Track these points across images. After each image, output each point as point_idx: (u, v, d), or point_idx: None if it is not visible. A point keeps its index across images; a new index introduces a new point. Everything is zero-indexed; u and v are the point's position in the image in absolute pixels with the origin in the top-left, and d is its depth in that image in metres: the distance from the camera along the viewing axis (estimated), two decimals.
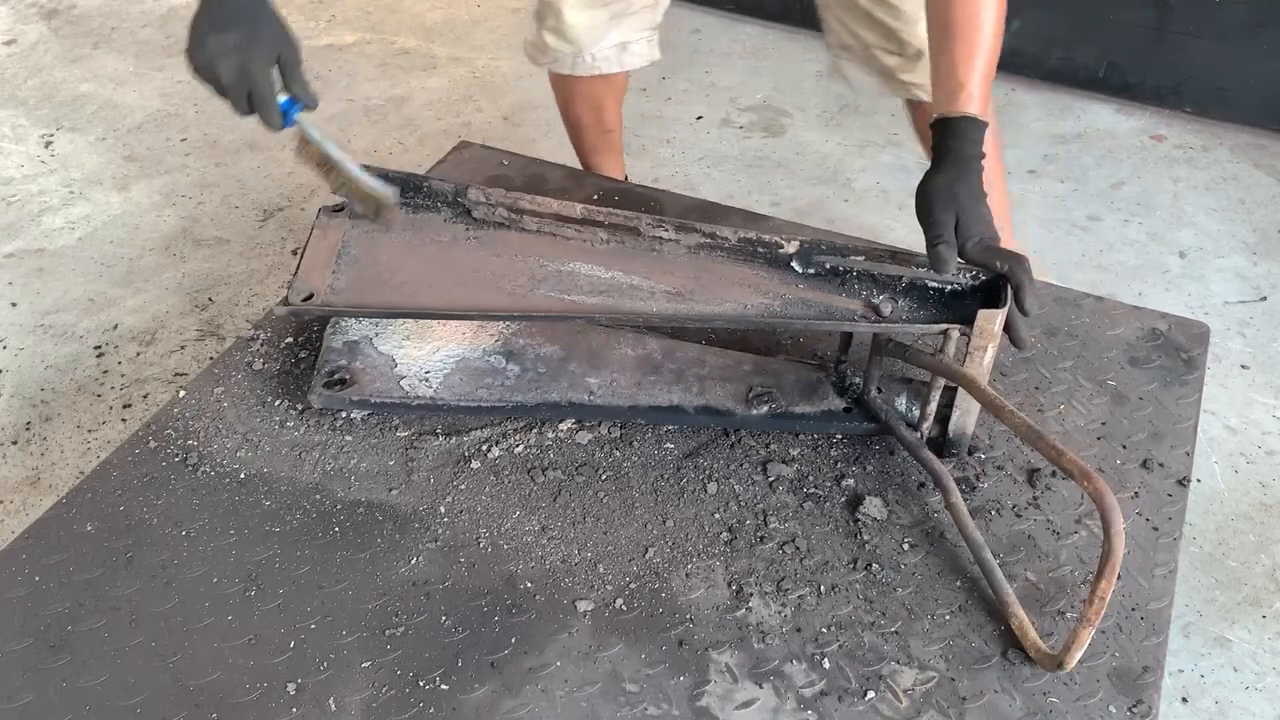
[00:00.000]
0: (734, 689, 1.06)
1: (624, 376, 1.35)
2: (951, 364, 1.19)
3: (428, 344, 1.38)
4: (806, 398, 1.32)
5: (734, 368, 1.36)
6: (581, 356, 1.37)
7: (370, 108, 2.81)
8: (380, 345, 1.38)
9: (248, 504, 1.23)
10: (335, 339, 1.38)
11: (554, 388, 1.33)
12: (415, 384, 1.34)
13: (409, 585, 1.15)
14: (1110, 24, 2.81)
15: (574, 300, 1.27)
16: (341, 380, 1.33)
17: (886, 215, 2.50)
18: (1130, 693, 1.06)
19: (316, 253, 1.34)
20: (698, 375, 1.35)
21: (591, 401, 1.32)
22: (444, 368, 1.36)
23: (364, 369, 1.35)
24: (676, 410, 1.32)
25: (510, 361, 1.36)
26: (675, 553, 1.18)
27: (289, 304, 1.28)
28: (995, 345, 1.16)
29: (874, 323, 1.21)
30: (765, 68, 3.03)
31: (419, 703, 1.04)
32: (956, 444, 1.27)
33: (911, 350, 1.24)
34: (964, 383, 1.17)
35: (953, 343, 1.19)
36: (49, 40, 3.16)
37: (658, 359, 1.37)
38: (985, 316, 1.13)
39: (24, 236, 2.41)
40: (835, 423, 1.31)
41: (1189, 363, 1.42)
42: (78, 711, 1.03)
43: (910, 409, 1.30)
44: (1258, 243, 2.45)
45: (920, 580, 1.16)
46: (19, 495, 1.83)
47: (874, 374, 1.29)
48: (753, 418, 1.31)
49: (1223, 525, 1.80)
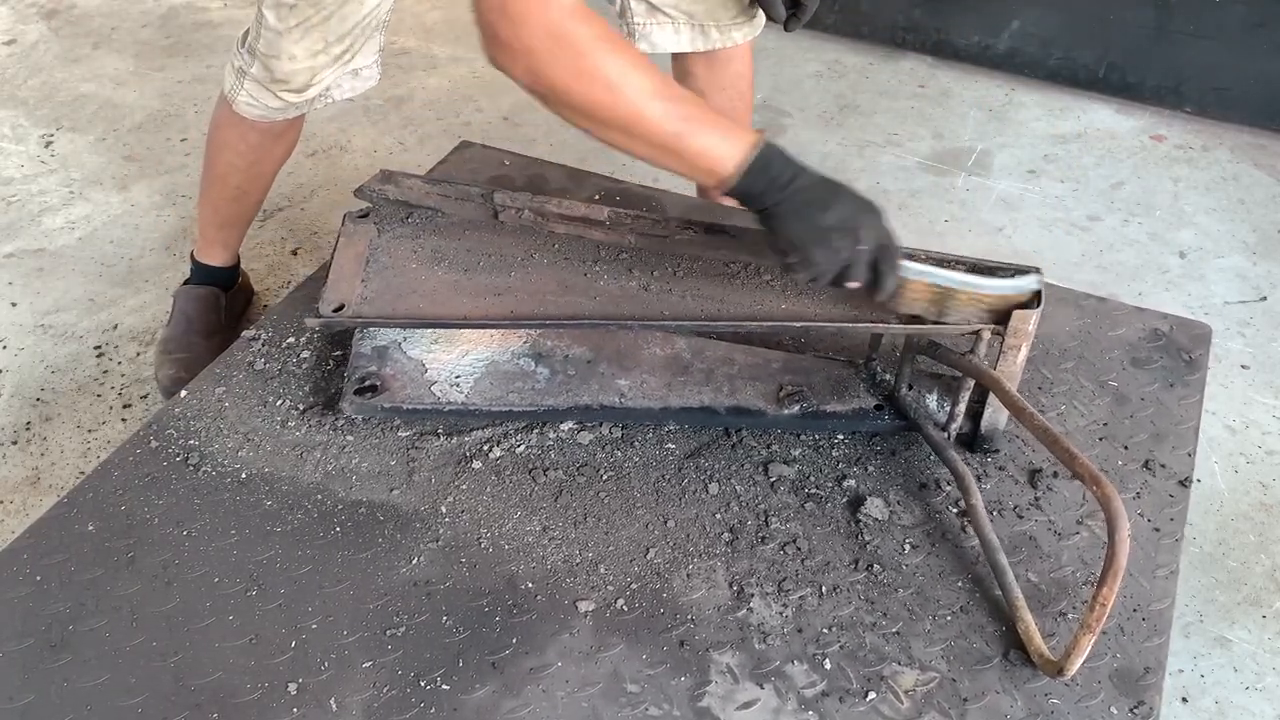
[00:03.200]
0: (735, 690, 1.06)
1: (654, 378, 1.34)
2: (979, 364, 1.20)
3: (457, 348, 1.37)
4: (837, 396, 1.32)
5: (763, 366, 1.36)
6: (610, 357, 1.36)
7: (370, 108, 2.81)
8: (410, 350, 1.36)
9: (249, 504, 1.23)
10: (364, 344, 1.36)
11: (584, 390, 1.33)
12: (446, 389, 1.33)
13: (410, 585, 1.15)
14: (1110, 24, 2.81)
15: (604, 305, 1.26)
16: (372, 387, 1.31)
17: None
18: (1132, 694, 1.06)
19: (344, 261, 1.33)
20: (727, 374, 1.35)
21: (623, 404, 1.31)
22: (474, 372, 1.35)
23: (394, 375, 1.34)
24: (708, 411, 1.31)
25: (539, 364, 1.36)
26: (676, 553, 1.18)
27: (320, 315, 1.27)
28: (1029, 345, 1.17)
29: (907, 324, 1.21)
30: (765, 68, 3.03)
31: (420, 703, 1.04)
32: (989, 440, 1.28)
33: (942, 349, 1.24)
34: (990, 383, 1.18)
35: (984, 342, 1.19)
36: (49, 40, 3.15)
37: (686, 358, 1.36)
38: (1019, 317, 1.14)
39: (24, 236, 2.41)
40: (867, 421, 1.30)
41: (1191, 363, 1.42)
42: (79, 711, 1.03)
43: (941, 405, 1.30)
44: (1258, 243, 2.45)
45: (922, 581, 1.16)
46: (19, 495, 1.83)
47: (905, 371, 1.29)
48: (784, 418, 1.30)
49: (1223, 525, 1.80)
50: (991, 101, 2.93)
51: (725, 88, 1.85)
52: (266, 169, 1.92)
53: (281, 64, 1.63)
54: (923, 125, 2.83)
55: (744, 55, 1.82)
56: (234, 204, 1.97)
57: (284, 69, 1.64)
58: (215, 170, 1.91)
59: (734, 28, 1.73)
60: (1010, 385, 1.17)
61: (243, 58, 1.69)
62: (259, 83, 1.68)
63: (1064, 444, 1.07)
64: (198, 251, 2.07)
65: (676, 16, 1.72)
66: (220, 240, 2.05)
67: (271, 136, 1.82)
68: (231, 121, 1.79)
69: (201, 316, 2.03)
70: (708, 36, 1.74)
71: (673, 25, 1.73)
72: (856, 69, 3.06)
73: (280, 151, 1.89)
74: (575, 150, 2.20)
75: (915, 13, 3.02)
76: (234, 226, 2.05)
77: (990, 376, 1.18)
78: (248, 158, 1.86)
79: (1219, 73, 2.75)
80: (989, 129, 2.82)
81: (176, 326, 2.02)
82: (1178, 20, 2.73)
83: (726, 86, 1.85)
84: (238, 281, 2.13)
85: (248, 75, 1.69)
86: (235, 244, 2.08)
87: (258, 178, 1.93)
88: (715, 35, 1.74)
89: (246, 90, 1.71)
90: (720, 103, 1.85)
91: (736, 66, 1.83)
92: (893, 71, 3.05)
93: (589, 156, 2.47)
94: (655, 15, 1.72)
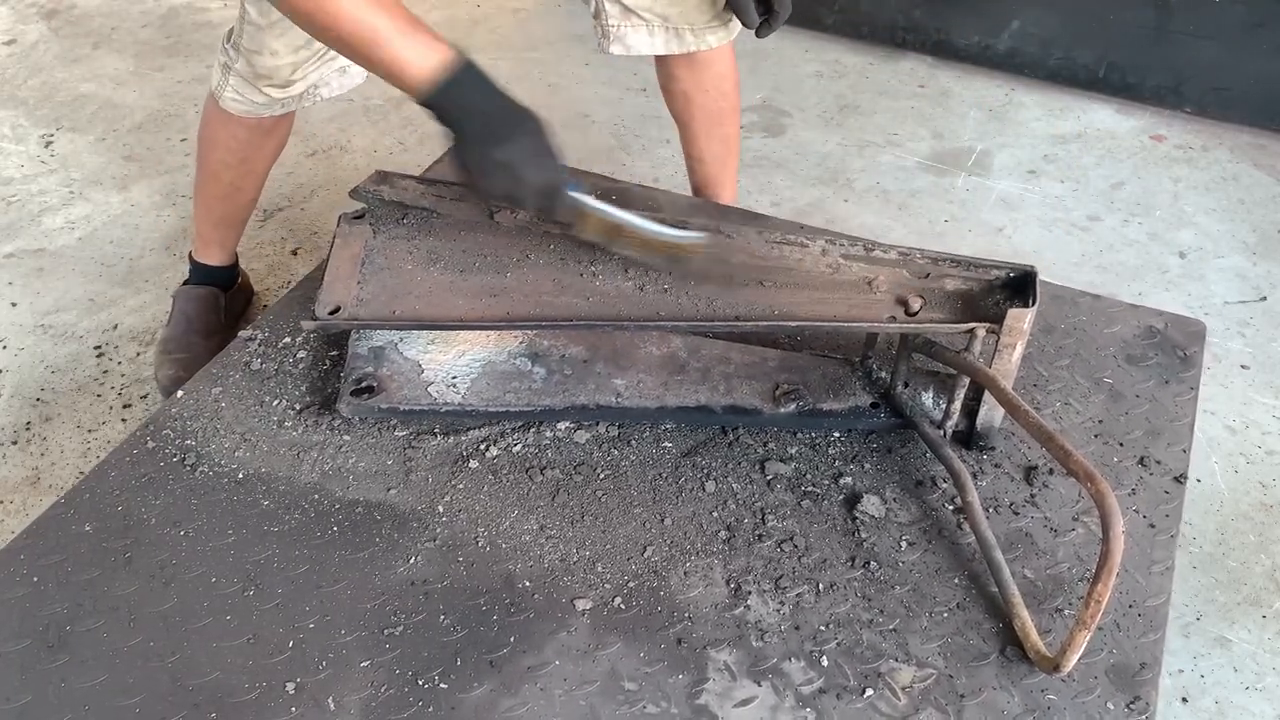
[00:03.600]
0: (733, 687, 1.06)
1: (650, 377, 1.34)
2: (974, 362, 1.20)
3: (453, 348, 1.37)
4: (833, 394, 1.32)
5: (759, 364, 1.36)
6: (607, 357, 1.36)
7: (370, 108, 2.82)
8: (406, 351, 1.36)
9: (246, 504, 1.23)
10: (360, 345, 1.36)
11: (581, 390, 1.33)
12: (443, 390, 1.33)
13: (407, 584, 1.15)
14: (1110, 24, 2.81)
15: (601, 306, 1.26)
16: (370, 388, 1.31)
17: (886, 215, 2.50)
18: (1128, 689, 1.06)
19: (340, 263, 1.32)
20: (723, 373, 1.35)
21: (619, 404, 1.32)
22: (470, 372, 1.35)
23: (391, 375, 1.33)
24: (704, 410, 1.31)
25: (536, 364, 1.36)
26: (673, 551, 1.18)
27: (316, 318, 1.26)
28: (1024, 343, 1.17)
29: (903, 323, 1.21)
30: (765, 68, 3.03)
31: (418, 702, 1.04)
32: (984, 437, 1.28)
33: (937, 347, 1.24)
34: (985, 380, 1.19)
35: (979, 340, 1.20)
36: (49, 40, 3.16)
37: (683, 357, 1.36)
38: (1015, 315, 1.15)
39: (24, 236, 2.41)
40: (863, 419, 1.31)
41: (1186, 360, 1.42)
42: (77, 711, 1.03)
43: (937, 403, 1.30)
44: (1258, 243, 2.44)
45: (918, 578, 1.16)
46: (19, 495, 1.83)
47: (901, 369, 1.29)
48: (781, 416, 1.30)
49: (1223, 525, 1.80)
50: (991, 101, 2.93)
51: (709, 89, 1.85)
52: (258, 166, 1.92)
53: (264, 59, 1.63)
54: (923, 125, 2.83)
55: (725, 57, 1.82)
56: (227, 202, 1.97)
57: (266, 64, 1.64)
58: (207, 168, 1.92)
59: (708, 31, 1.74)
60: (1005, 383, 1.18)
61: (228, 53, 1.70)
62: (243, 78, 1.69)
63: (1059, 441, 1.07)
64: (196, 251, 2.08)
65: (650, 19, 1.72)
66: (217, 239, 2.05)
67: (260, 133, 1.82)
68: (220, 118, 1.80)
69: (201, 316, 2.03)
70: (682, 39, 1.75)
71: (647, 28, 1.73)
72: (856, 69, 3.06)
73: (270, 148, 1.89)
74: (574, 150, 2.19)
75: (915, 13, 3.02)
76: (230, 225, 2.05)
77: (985, 374, 1.18)
78: (238, 154, 1.86)
79: (1219, 73, 2.75)
80: (989, 129, 2.82)
81: (176, 326, 2.02)
82: (1178, 20, 2.73)
83: (710, 88, 1.85)
84: (237, 281, 2.14)
85: (233, 71, 1.69)
86: (232, 243, 2.09)
87: (249, 174, 1.93)
88: (690, 38, 1.75)
89: (232, 86, 1.71)
90: (705, 103, 1.87)
91: (718, 68, 1.83)
92: (893, 71, 3.05)
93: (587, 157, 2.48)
94: (629, 17, 1.73)
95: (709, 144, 1.93)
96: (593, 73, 2.99)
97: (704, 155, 1.95)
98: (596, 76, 2.94)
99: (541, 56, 3.09)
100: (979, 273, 1.21)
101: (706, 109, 1.87)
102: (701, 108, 1.87)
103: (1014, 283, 1.20)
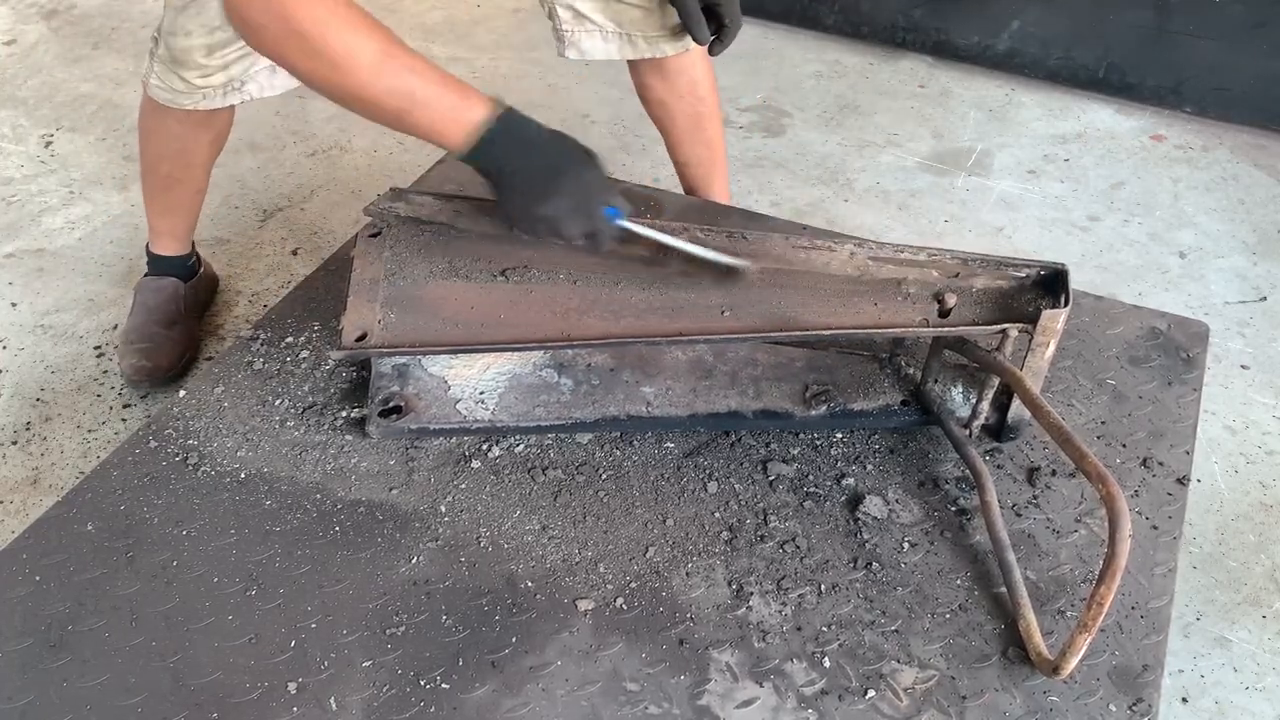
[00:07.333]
0: (734, 688, 1.06)
1: (678, 384, 1.33)
2: (1003, 361, 1.20)
3: (478, 362, 1.34)
4: (863, 393, 1.32)
5: (787, 365, 1.35)
6: (633, 365, 1.35)
7: None
8: (430, 367, 1.34)
9: (248, 504, 1.23)
10: (384, 363, 1.33)
11: (610, 401, 1.31)
12: (471, 406, 1.31)
13: (409, 584, 1.15)
14: (1110, 24, 2.81)
15: (627, 322, 1.24)
16: (397, 409, 1.30)
17: (886, 215, 2.50)
18: (1130, 691, 1.06)
19: (360, 285, 1.29)
20: (752, 376, 1.34)
21: (650, 413, 1.30)
22: (497, 387, 1.33)
23: (417, 394, 1.31)
24: (735, 416, 1.30)
25: (563, 375, 1.34)
26: (675, 552, 1.18)
27: (343, 347, 1.23)
28: (1056, 342, 1.18)
29: (937, 327, 1.21)
30: (765, 68, 3.03)
31: (420, 702, 1.04)
32: (1015, 430, 1.29)
33: (969, 345, 1.24)
34: (1011, 379, 1.19)
35: (1010, 340, 1.20)
36: (49, 40, 3.16)
37: (709, 361, 1.36)
38: (1050, 316, 1.15)
39: (24, 236, 2.41)
40: (894, 418, 1.30)
41: (1188, 362, 1.42)
42: (78, 711, 1.03)
43: (966, 398, 1.30)
44: (1258, 243, 2.45)
45: (920, 579, 1.16)
46: (19, 495, 1.83)
47: (933, 366, 1.29)
48: (812, 419, 1.30)
49: (1223, 525, 1.80)
50: (991, 101, 2.93)
51: (683, 95, 1.85)
52: (195, 159, 1.90)
53: (178, 40, 1.62)
54: (922, 125, 2.83)
55: (697, 63, 1.81)
56: (169, 193, 1.97)
57: (179, 45, 1.62)
58: (145, 159, 1.92)
59: (661, 40, 1.73)
60: (1032, 382, 1.18)
61: (153, 40, 1.70)
62: (164, 63, 1.68)
63: (1076, 442, 1.07)
64: (150, 242, 2.08)
65: (603, 24, 1.72)
66: (167, 229, 2.05)
67: (192, 125, 1.81)
68: (151, 107, 1.79)
69: (161, 307, 2.04)
70: (635, 46, 1.74)
71: (600, 34, 1.73)
72: (856, 69, 3.06)
73: (205, 143, 1.87)
74: None
75: (915, 13, 3.02)
76: (176, 215, 2.03)
77: (1013, 373, 1.18)
78: (172, 146, 1.86)
79: (1219, 73, 2.75)
80: (989, 129, 2.82)
81: (136, 317, 2.03)
82: (1178, 20, 2.73)
83: (684, 94, 1.85)
84: (198, 271, 2.13)
85: (155, 56, 1.69)
86: (184, 234, 2.07)
87: (188, 167, 1.91)
88: (642, 45, 1.74)
89: (156, 73, 1.70)
90: (683, 109, 1.87)
91: (691, 75, 1.82)
92: (893, 71, 3.05)
93: None
94: (582, 23, 1.72)
95: (693, 149, 1.94)
96: (593, 73, 2.98)
97: (689, 160, 1.96)
98: (596, 76, 2.94)
99: (541, 56, 3.09)
100: (1009, 272, 1.21)
101: (685, 114, 1.88)
102: (680, 114, 1.88)
103: (1045, 281, 1.20)
